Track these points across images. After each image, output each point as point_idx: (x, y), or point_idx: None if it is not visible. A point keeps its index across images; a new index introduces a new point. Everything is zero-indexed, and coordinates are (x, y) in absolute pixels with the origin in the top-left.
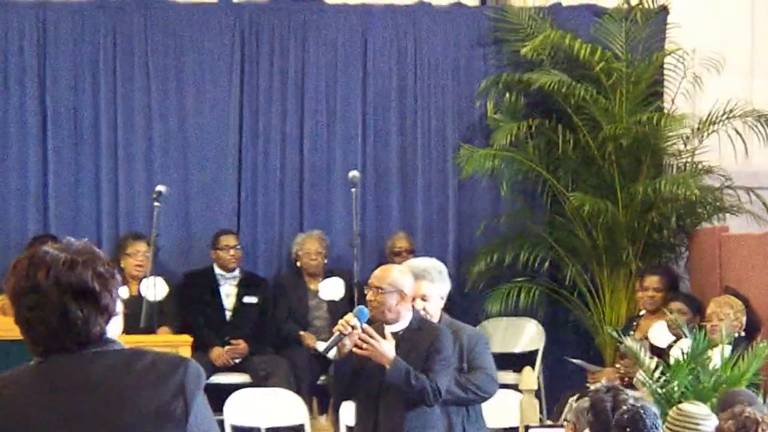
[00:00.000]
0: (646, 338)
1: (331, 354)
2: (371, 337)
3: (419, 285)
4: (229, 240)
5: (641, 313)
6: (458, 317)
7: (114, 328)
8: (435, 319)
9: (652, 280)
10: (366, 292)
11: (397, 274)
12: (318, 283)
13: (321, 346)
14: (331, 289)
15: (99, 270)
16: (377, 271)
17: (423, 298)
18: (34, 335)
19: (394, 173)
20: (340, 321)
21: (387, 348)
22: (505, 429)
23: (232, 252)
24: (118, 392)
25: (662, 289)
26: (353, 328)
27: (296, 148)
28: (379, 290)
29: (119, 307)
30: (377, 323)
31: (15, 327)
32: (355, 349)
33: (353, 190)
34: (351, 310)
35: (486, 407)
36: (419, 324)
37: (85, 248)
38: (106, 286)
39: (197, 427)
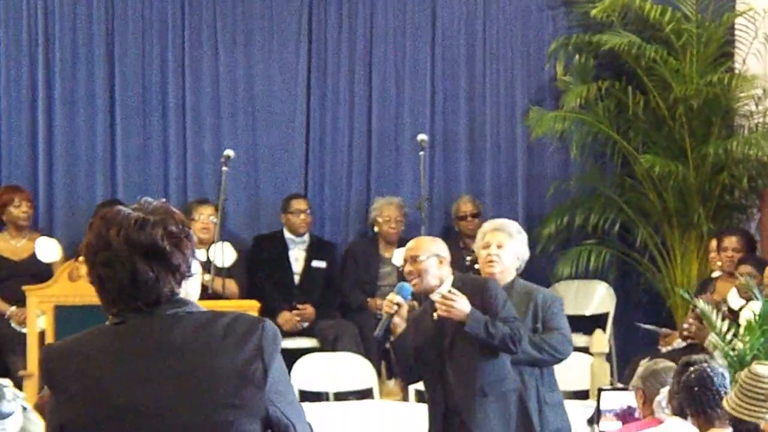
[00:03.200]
0: (725, 301)
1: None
2: (447, 299)
3: (496, 235)
4: (300, 204)
5: (714, 275)
6: (528, 280)
7: (192, 289)
8: (510, 276)
9: (731, 241)
10: (403, 267)
11: (429, 241)
12: (393, 249)
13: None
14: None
15: (170, 229)
16: (409, 244)
17: (499, 245)
18: (107, 294)
19: (463, 136)
20: (385, 302)
21: (463, 304)
22: (576, 392)
23: (302, 216)
24: (197, 355)
25: (740, 249)
26: (399, 306)
27: (364, 112)
28: (417, 259)
29: (195, 268)
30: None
31: (81, 293)
32: (439, 313)
33: (421, 153)
34: None
35: (556, 370)
36: (462, 282)
37: (160, 208)
38: (177, 246)
39: (275, 390)
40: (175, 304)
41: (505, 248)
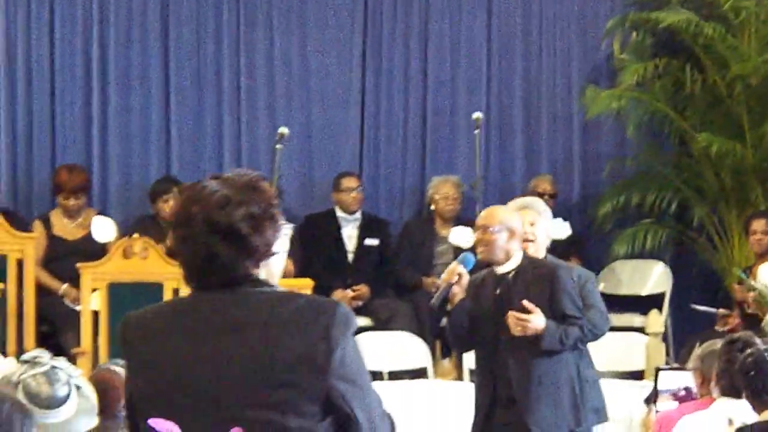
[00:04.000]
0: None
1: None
2: (520, 320)
3: (526, 213)
4: (350, 182)
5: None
6: (585, 259)
7: (274, 268)
8: (541, 254)
9: (760, 224)
10: (475, 233)
11: (504, 213)
12: (449, 228)
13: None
14: (461, 235)
15: (252, 210)
16: (483, 212)
17: (531, 223)
18: (184, 268)
19: (518, 115)
20: (447, 271)
21: (538, 321)
22: (631, 372)
23: (353, 194)
24: (262, 334)
25: None
26: (460, 275)
27: (419, 89)
28: (488, 229)
29: (279, 246)
30: (489, 266)
31: (135, 270)
32: (514, 331)
33: (476, 132)
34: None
35: (611, 350)
36: (532, 263)
37: (247, 185)
38: (257, 229)
39: (339, 375)
40: (250, 283)
41: (536, 226)
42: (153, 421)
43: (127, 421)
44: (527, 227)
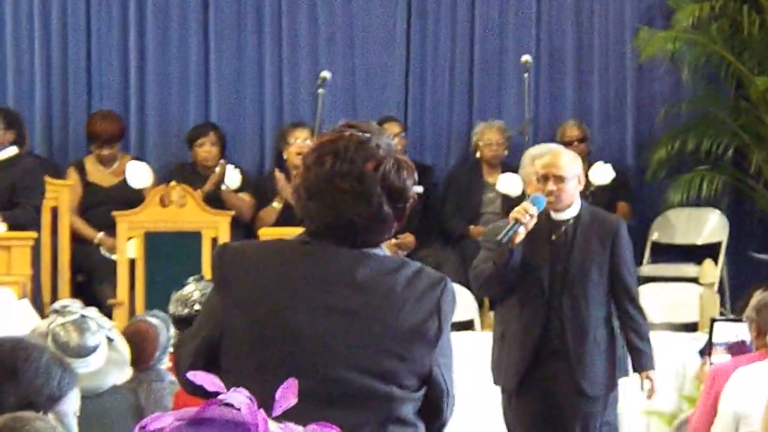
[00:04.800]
0: None
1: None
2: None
3: (554, 166)
4: (392, 127)
5: None
6: (639, 207)
7: None
8: (576, 205)
9: None
10: (538, 181)
11: (573, 159)
12: (496, 175)
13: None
14: (510, 183)
15: (414, 177)
16: (550, 159)
17: (559, 178)
18: (329, 217)
19: (569, 58)
20: (517, 209)
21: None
22: (684, 324)
23: (396, 140)
24: (375, 298)
25: None
26: (531, 216)
27: (467, 32)
28: (561, 179)
29: None
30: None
31: (172, 218)
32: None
33: (525, 75)
34: None
35: (665, 301)
36: (590, 213)
37: (395, 147)
38: (409, 197)
39: (442, 352)
40: (372, 246)
41: (566, 181)
42: (191, 375)
43: (194, 355)
44: (551, 184)
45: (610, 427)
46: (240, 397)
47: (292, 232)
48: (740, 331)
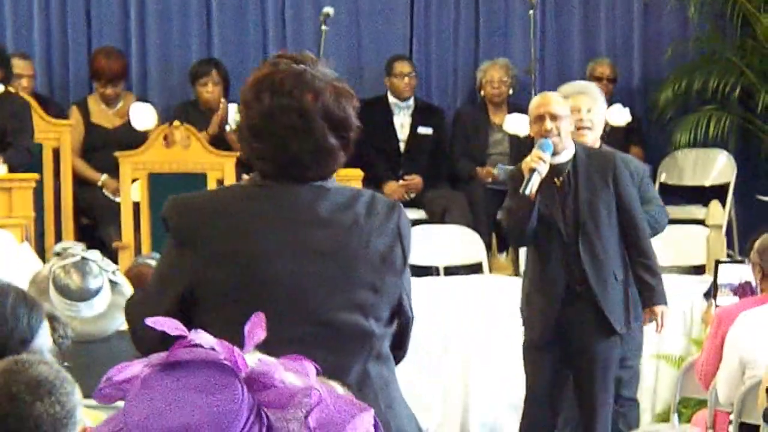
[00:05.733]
0: None
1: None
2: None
3: (582, 99)
4: (404, 66)
5: None
6: (647, 147)
7: None
8: (597, 143)
9: None
10: (535, 123)
11: (563, 99)
12: (503, 116)
13: (501, 168)
14: (517, 123)
15: (356, 104)
16: (543, 99)
17: (588, 110)
18: (278, 155)
19: None
20: (529, 157)
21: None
22: (693, 267)
23: (406, 80)
24: (343, 232)
25: None
26: (544, 162)
27: None
28: (556, 116)
29: None
30: None
31: (177, 159)
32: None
33: (531, 12)
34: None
35: (671, 244)
36: (586, 152)
37: (340, 79)
38: (352, 125)
39: (407, 278)
40: (324, 179)
41: (593, 112)
42: (150, 320)
43: (166, 311)
44: (584, 113)
45: (632, 372)
46: (208, 337)
47: None
48: (746, 273)
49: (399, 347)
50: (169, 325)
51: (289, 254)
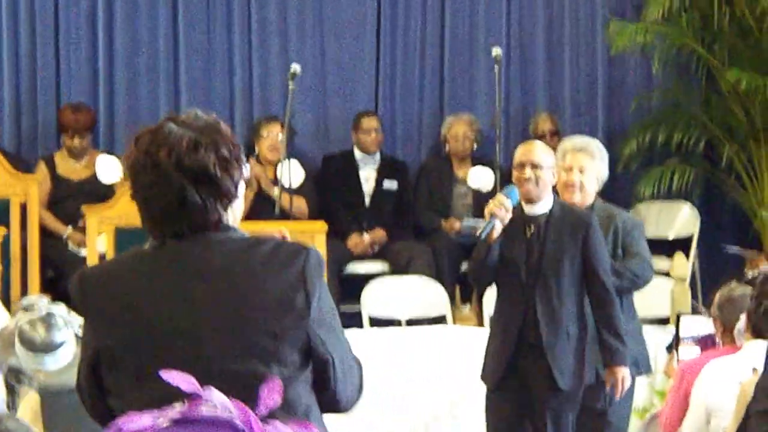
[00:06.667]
0: None
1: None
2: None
3: (578, 157)
4: (371, 122)
5: None
6: (609, 200)
7: (237, 212)
8: (590, 200)
9: None
10: (516, 169)
11: (548, 150)
12: (466, 169)
13: (465, 222)
14: (481, 177)
15: (222, 153)
16: (527, 147)
17: (581, 170)
18: (150, 215)
19: (540, 49)
20: (492, 202)
21: (626, 380)
22: (656, 319)
23: (373, 135)
24: (237, 279)
25: None
26: (506, 209)
27: (437, 23)
28: (539, 166)
29: (241, 191)
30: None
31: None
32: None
33: (496, 67)
34: None
35: (636, 296)
36: (562, 207)
37: (210, 127)
38: (227, 171)
39: (317, 319)
40: (221, 230)
41: (586, 172)
42: (165, 374)
43: (86, 381)
44: (575, 173)
45: (612, 428)
46: (222, 398)
47: (264, 223)
48: (707, 325)
49: (323, 389)
50: (183, 381)
51: (179, 310)
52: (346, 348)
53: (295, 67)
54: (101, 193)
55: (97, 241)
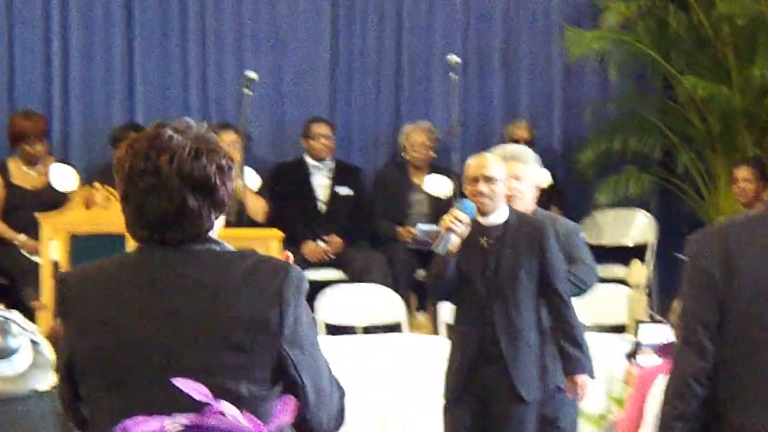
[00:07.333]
0: None
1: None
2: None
3: (512, 165)
4: (321, 128)
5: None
6: (567, 208)
7: (219, 224)
8: (529, 208)
9: (742, 172)
10: (469, 184)
11: (501, 163)
12: (423, 177)
13: (420, 227)
14: (438, 184)
15: (220, 162)
16: (479, 161)
17: (517, 178)
18: (141, 220)
19: (497, 58)
20: (446, 217)
21: (584, 381)
22: (612, 326)
23: (323, 141)
24: (213, 294)
25: (753, 180)
26: (462, 223)
27: (393, 31)
28: (493, 180)
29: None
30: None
31: (97, 221)
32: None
33: (453, 75)
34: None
35: (592, 303)
36: (518, 217)
37: (206, 136)
38: (224, 181)
39: (291, 341)
40: (205, 241)
41: (523, 180)
42: (178, 381)
43: (62, 383)
44: (513, 182)
45: None
46: (233, 409)
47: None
48: (667, 333)
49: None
50: (194, 390)
51: (151, 321)
52: (322, 373)
53: (251, 74)
54: (56, 201)
55: (50, 248)
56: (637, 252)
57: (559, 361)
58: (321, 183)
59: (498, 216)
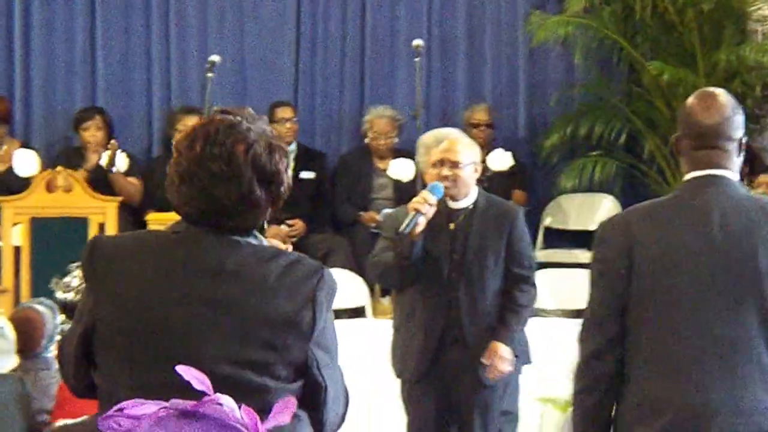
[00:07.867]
0: None
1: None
2: (499, 372)
3: (450, 151)
4: (285, 112)
5: None
6: (530, 193)
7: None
8: (473, 193)
9: None
10: (433, 167)
11: (469, 145)
12: (387, 161)
13: (384, 212)
14: (402, 168)
15: (285, 161)
16: (448, 145)
17: (455, 163)
18: (203, 203)
19: (461, 42)
20: (415, 199)
21: (508, 362)
22: (578, 311)
23: (288, 125)
24: (247, 287)
25: None
26: (430, 205)
27: (358, 14)
28: (457, 165)
29: None
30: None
31: (59, 204)
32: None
33: (417, 59)
34: (417, 192)
35: (557, 288)
36: (487, 201)
37: (268, 130)
38: (287, 179)
39: (318, 343)
40: (248, 233)
41: (462, 167)
42: (181, 369)
43: (75, 347)
44: (446, 169)
45: (510, 416)
46: (231, 402)
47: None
48: None
49: (314, 411)
50: (195, 379)
51: (183, 303)
52: (339, 377)
53: (215, 57)
54: (18, 185)
55: (12, 232)
56: None
57: (525, 345)
58: None
59: (467, 199)
